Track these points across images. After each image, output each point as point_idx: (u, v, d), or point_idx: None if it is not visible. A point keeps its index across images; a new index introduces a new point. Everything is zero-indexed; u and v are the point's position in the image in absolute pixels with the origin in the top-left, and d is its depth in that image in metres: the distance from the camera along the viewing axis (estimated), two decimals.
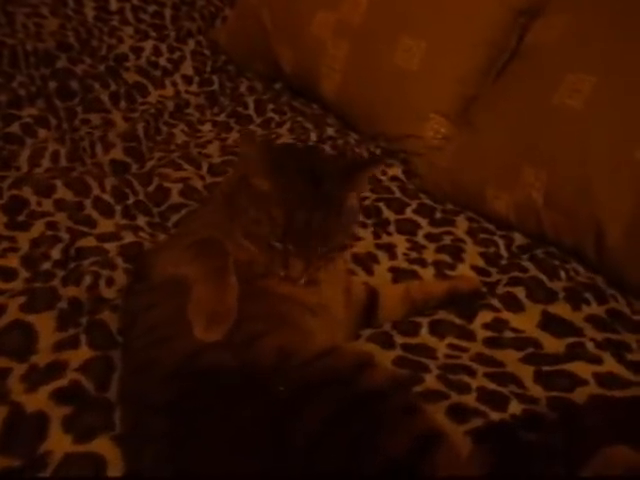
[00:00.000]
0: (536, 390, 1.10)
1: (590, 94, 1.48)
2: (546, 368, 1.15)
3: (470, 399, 1.05)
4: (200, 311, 0.96)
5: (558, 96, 1.53)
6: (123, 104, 2.09)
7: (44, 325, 1.09)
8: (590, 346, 1.22)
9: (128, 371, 0.99)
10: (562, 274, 1.43)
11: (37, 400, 0.95)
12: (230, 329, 0.96)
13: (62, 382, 0.97)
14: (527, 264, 1.46)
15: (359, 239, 1.51)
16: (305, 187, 1.05)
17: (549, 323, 1.28)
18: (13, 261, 1.27)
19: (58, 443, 0.90)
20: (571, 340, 1.23)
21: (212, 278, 1.00)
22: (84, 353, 1.04)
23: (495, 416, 1.01)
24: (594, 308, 1.34)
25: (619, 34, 1.53)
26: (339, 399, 0.85)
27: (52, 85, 2.03)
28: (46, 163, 1.69)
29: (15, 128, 1.82)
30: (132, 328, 1.03)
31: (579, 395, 1.08)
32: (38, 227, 1.39)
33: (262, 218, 1.05)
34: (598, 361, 1.17)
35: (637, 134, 1.41)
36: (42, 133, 1.84)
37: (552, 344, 1.23)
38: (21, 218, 1.42)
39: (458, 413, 1.00)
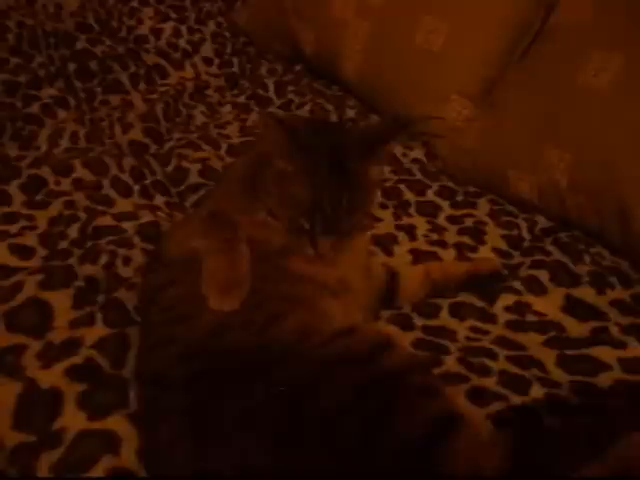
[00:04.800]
0: (558, 374, 1.07)
1: (616, 73, 1.44)
2: (569, 352, 1.12)
3: (491, 382, 1.03)
4: (213, 282, 0.96)
5: (583, 75, 1.49)
6: (142, 85, 2.08)
7: (60, 303, 1.08)
8: (615, 330, 1.19)
9: (145, 348, 0.98)
10: (586, 258, 1.40)
11: (51, 376, 0.94)
12: (250, 310, 0.94)
13: (76, 359, 0.97)
14: (550, 247, 1.44)
15: (379, 220, 1.50)
16: (328, 165, 1.03)
17: (573, 307, 1.25)
18: (31, 239, 1.26)
19: (72, 420, 0.89)
20: (595, 324, 1.21)
21: (222, 249, 1.00)
22: (99, 331, 1.03)
23: (516, 400, 0.99)
24: (619, 292, 1.31)
25: None
26: (356, 380, 0.84)
27: (71, 66, 2.02)
28: (65, 143, 1.68)
29: (35, 108, 1.82)
30: (150, 305, 1.03)
31: (603, 380, 1.05)
32: (56, 206, 1.38)
33: (288, 200, 1.04)
34: (623, 346, 1.14)
35: None
36: (61, 114, 1.84)
37: (575, 328, 1.20)
38: (39, 197, 1.41)
39: (478, 396, 0.99)
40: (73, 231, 1.30)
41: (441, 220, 1.54)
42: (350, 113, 1.98)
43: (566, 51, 1.58)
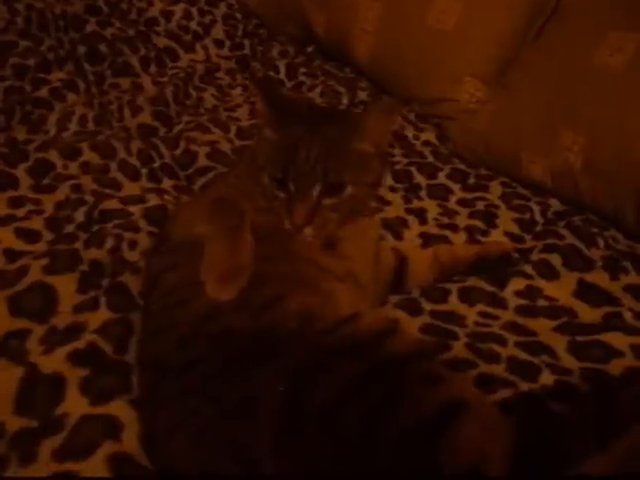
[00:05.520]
0: (569, 361, 1.05)
1: (633, 53, 1.41)
2: (580, 338, 1.10)
3: (499, 369, 1.01)
4: (212, 269, 0.93)
5: (599, 55, 1.45)
6: (153, 68, 2.07)
7: (65, 287, 1.07)
8: (628, 316, 1.17)
9: (146, 333, 0.97)
10: (600, 242, 1.38)
11: (54, 362, 0.93)
12: (249, 291, 0.93)
13: (79, 344, 0.96)
14: (563, 231, 1.41)
15: (388, 203, 1.48)
16: (306, 129, 1.02)
17: (585, 292, 1.22)
18: (37, 223, 1.25)
19: (75, 405, 0.88)
20: (608, 310, 1.18)
21: (226, 236, 0.98)
22: (103, 315, 1.02)
23: (525, 387, 0.97)
24: (633, 277, 1.28)
25: None
26: (358, 367, 0.82)
27: (81, 49, 2.02)
28: (74, 127, 1.67)
29: (44, 92, 1.81)
30: (152, 290, 1.01)
31: (614, 367, 1.03)
32: (63, 190, 1.37)
33: (266, 164, 1.04)
34: (636, 332, 1.11)
35: None
36: (71, 97, 1.83)
37: (587, 313, 1.18)
38: (47, 181, 1.41)
39: (486, 383, 0.97)
40: (79, 215, 1.29)
41: (452, 203, 1.52)
42: (362, 95, 1.96)
43: (581, 30, 1.55)
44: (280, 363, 0.82)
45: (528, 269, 1.27)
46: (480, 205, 1.51)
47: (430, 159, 1.68)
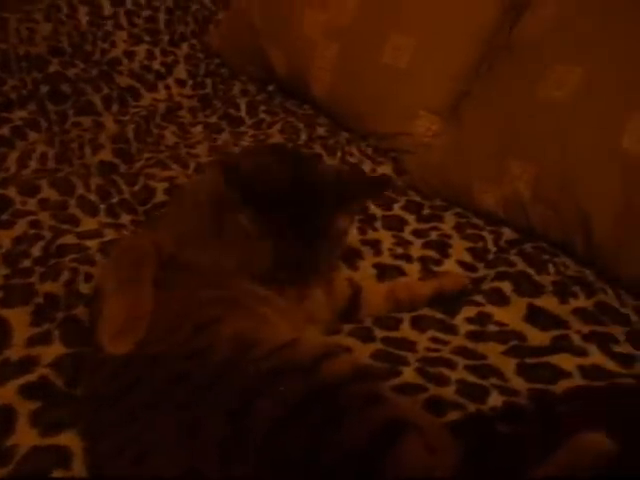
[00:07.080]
0: (518, 382, 1.07)
1: (576, 85, 1.46)
2: (529, 360, 1.12)
3: (449, 392, 1.03)
4: (108, 325, 0.93)
5: (544, 88, 1.51)
6: (115, 107, 2.09)
7: (19, 320, 1.09)
8: (576, 338, 1.19)
9: (88, 363, 0.98)
10: (551, 268, 1.40)
11: (4, 394, 0.94)
12: (184, 313, 0.94)
13: (31, 377, 0.97)
14: (515, 258, 1.44)
15: None
16: (291, 220, 1.03)
17: (534, 316, 1.25)
18: None
19: (24, 437, 0.89)
20: (556, 333, 1.21)
21: (123, 290, 0.97)
22: (56, 349, 1.03)
23: (474, 409, 0.99)
24: (582, 301, 1.31)
25: (605, 24, 1.51)
26: (296, 390, 0.82)
27: (44, 89, 2.03)
28: (34, 164, 1.69)
29: (5, 131, 1.82)
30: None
31: (561, 387, 1.06)
32: (21, 226, 1.38)
33: (250, 254, 1.05)
34: (583, 353, 1.14)
35: (623, 122, 1.37)
36: (32, 136, 1.84)
37: (537, 337, 1.20)
38: (5, 217, 1.41)
39: (436, 406, 0.98)
40: (36, 250, 1.30)
41: (406, 234, 1.54)
42: (320, 131, 2.00)
43: (528, 64, 1.60)
44: (217, 391, 0.83)
45: (479, 298, 1.30)
46: (434, 235, 1.53)
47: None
